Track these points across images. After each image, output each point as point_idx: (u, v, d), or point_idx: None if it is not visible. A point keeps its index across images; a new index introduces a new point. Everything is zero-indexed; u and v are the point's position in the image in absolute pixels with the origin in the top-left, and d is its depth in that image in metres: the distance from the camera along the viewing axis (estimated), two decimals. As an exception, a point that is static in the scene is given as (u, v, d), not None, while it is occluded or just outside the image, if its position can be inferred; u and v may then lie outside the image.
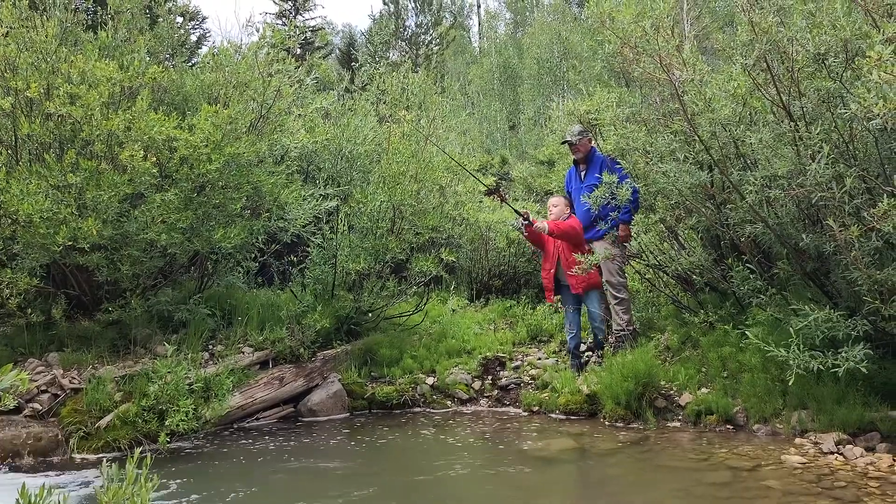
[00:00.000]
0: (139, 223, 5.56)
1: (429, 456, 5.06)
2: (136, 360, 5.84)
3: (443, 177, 7.76)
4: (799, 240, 4.63)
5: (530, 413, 6.26)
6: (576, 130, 6.79)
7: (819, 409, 4.81)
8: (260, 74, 6.73)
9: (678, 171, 5.31)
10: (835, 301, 4.77)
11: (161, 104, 6.60)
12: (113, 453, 5.08)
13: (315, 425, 6.10)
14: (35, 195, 5.03)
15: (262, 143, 6.42)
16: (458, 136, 14.76)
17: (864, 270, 4.02)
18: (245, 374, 6.12)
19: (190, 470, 4.70)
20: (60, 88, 5.31)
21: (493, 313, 8.95)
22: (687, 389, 5.70)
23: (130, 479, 2.16)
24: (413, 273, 7.55)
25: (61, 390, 5.44)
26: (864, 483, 3.86)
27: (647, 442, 5.07)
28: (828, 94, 4.37)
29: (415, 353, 7.13)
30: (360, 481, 4.42)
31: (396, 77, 9.15)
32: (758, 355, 5.23)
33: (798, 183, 4.36)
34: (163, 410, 5.33)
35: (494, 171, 17.59)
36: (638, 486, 4.24)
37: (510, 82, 28.83)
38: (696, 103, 5.23)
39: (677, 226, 6.48)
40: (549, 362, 6.97)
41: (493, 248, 10.29)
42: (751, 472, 4.16)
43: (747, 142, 4.98)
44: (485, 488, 4.20)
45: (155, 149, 5.57)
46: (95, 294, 6.23)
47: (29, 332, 6.01)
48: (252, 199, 6.60)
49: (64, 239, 5.07)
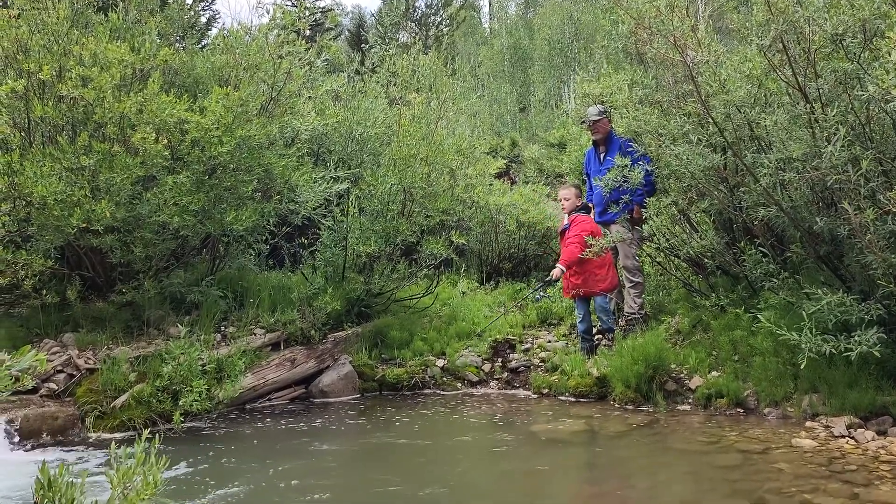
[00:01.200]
0: (151, 205, 5.59)
1: (439, 437, 5.10)
2: (150, 342, 5.89)
3: (453, 159, 7.73)
4: (813, 223, 4.60)
5: (540, 395, 6.28)
6: (595, 111, 6.76)
7: (830, 393, 4.80)
8: (270, 56, 6.71)
9: (691, 154, 5.27)
10: (848, 285, 4.74)
11: (172, 86, 6.60)
12: (128, 432, 5.15)
13: (326, 406, 6.15)
14: (49, 177, 5.06)
15: (272, 125, 6.41)
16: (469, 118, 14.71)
17: (879, 254, 3.99)
18: (257, 356, 6.17)
19: (203, 449, 4.75)
20: (72, 71, 5.32)
21: (503, 296, 8.96)
22: (697, 373, 5.70)
23: (140, 460, 2.18)
24: (423, 256, 7.56)
25: (77, 370, 5.50)
26: (875, 466, 3.86)
27: (656, 425, 5.08)
28: (845, 76, 4.31)
29: (425, 335, 7.16)
30: (372, 462, 4.46)
31: (406, 59, 9.10)
32: (769, 339, 5.22)
33: (813, 166, 4.32)
34: (176, 391, 5.38)
35: (505, 154, 17.52)
36: (647, 468, 4.26)
37: (521, 64, 28.63)
38: (710, 84, 5.17)
39: (689, 209, 6.44)
40: (558, 345, 6.98)
41: (502, 231, 10.28)
42: (761, 455, 4.16)
43: (762, 124, 4.93)
44: (495, 469, 4.23)
45: (166, 131, 5.58)
46: (109, 275, 6.28)
47: (44, 313, 6.08)
48: (263, 181, 6.61)
49: (78, 221, 5.10)
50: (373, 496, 3.81)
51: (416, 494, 3.90)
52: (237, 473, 4.21)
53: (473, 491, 3.96)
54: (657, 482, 3.97)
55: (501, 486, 3.99)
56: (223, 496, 3.78)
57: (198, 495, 3.79)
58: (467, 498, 3.85)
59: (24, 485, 3.76)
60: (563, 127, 17.04)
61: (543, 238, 10.25)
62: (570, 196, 6.65)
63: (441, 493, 3.93)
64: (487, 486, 3.99)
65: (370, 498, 3.78)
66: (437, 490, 3.98)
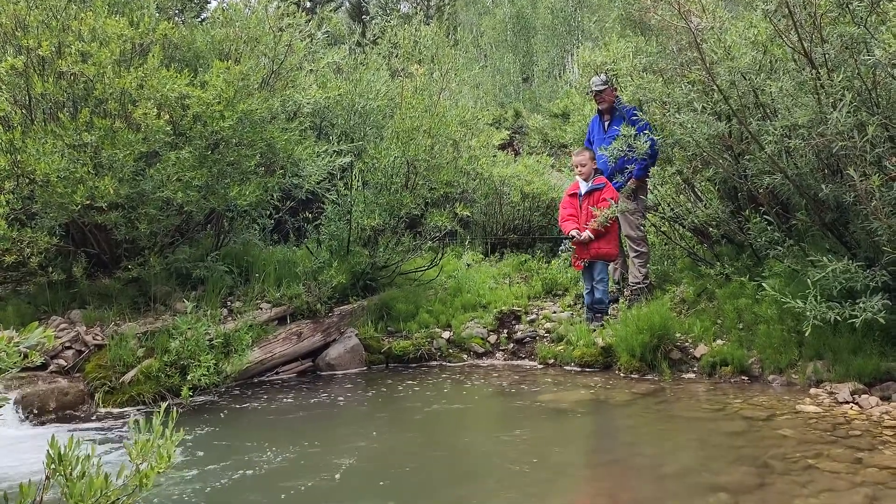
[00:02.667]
0: (155, 181, 5.58)
1: (446, 408, 5.15)
2: (157, 317, 5.93)
3: (456, 131, 7.68)
4: (818, 190, 4.57)
5: (545, 366, 6.32)
6: (600, 81, 6.69)
7: (835, 360, 4.82)
8: (270, 29, 6.65)
9: (695, 122, 5.23)
10: (853, 252, 4.73)
11: (172, 61, 6.55)
12: (137, 407, 5.21)
13: (333, 379, 6.20)
14: (51, 154, 5.05)
15: (274, 99, 6.37)
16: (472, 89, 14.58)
17: (885, 220, 3.97)
18: (263, 330, 6.21)
19: (212, 422, 4.81)
20: (72, 46, 5.28)
21: (507, 267, 8.96)
22: (702, 341, 5.72)
23: (158, 433, 2.21)
24: (428, 228, 7.56)
25: (85, 347, 5.55)
26: (878, 431, 3.89)
27: (662, 393, 5.11)
28: (851, 41, 4.25)
29: (430, 307, 7.18)
30: (380, 434, 4.51)
31: (408, 30, 9.00)
32: (774, 307, 5.23)
33: (819, 132, 4.28)
34: (184, 366, 5.43)
35: (508, 125, 17.41)
36: (653, 436, 4.30)
37: (523, 33, 28.27)
38: (714, 51, 5.11)
39: (694, 178, 6.41)
40: (563, 316, 7.00)
41: (507, 203, 10.25)
42: (766, 422, 4.19)
43: (767, 91, 4.88)
44: (502, 438, 4.27)
45: (168, 106, 5.55)
46: (114, 252, 6.30)
47: (51, 291, 6.11)
48: (266, 156, 6.59)
49: (81, 198, 5.11)
50: (382, 464, 3.86)
51: (424, 462, 3.95)
52: (245, 447, 4.26)
53: (480, 458, 4.01)
54: (663, 450, 4.00)
55: (508, 453, 4.03)
56: (233, 467, 3.83)
57: (208, 466, 3.84)
58: (474, 465, 3.90)
59: (34, 460, 3.81)
60: (567, 97, 16.90)
61: (548, 209, 10.21)
62: (585, 161, 6.56)
63: (447, 459, 3.98)
64: (494, 454, 4.04)
65: (379, 466, 3.82)
66: (443, 456, 4.03)
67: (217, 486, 3.55)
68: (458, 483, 3.65)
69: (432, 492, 3.52)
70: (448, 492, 3.52)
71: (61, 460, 2.00)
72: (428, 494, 3.48)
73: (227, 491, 3.50)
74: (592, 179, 6.52)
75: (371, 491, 3.52)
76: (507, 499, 3.34)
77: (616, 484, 3.61)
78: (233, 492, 3.50)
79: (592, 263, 6.47)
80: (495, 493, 3.44)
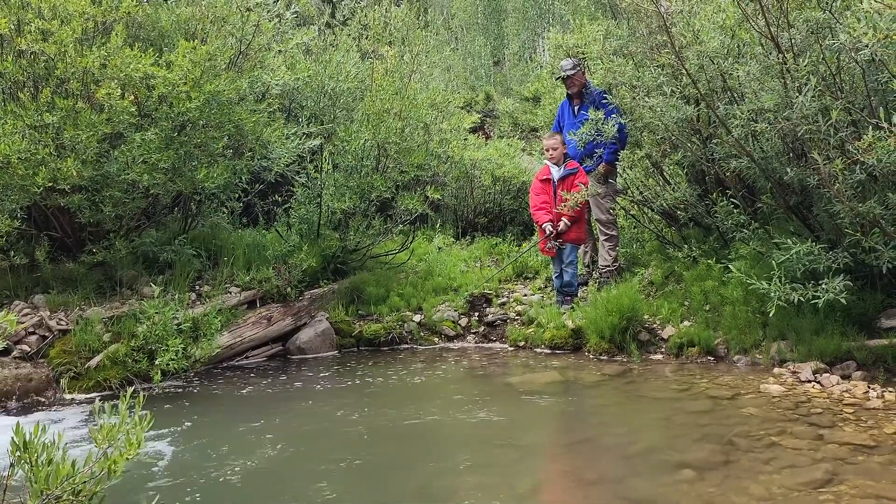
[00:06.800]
0: (119, 164, 5.47)
1: (417, 391, 5.16)
2: (123, 302, 5.84)
3: (427, 114, 7.64)
4: (783, 174, 4.65)
5: (516, 348, 6.37)
6: (569, 64, 6.67)
7: (798, 340, 4.93)
8: (238, 9, 6.53)
9: (665, 106, 5.27)
10: (816, 234, 4.83)
11: (136, 40, 6.39)
12: (104, 392, 5.13)
13: (304, 363, 6.18)
14: (11, 135, 4.92)
15: (242, 80, 6.27)
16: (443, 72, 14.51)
17: (847, 203, 4.05)
18: (233, 314, 6.14)
19: (181, 407, 4.77)
20: (31, 24, 5.14)
21: (479, 251, 8.99)
22: (670, 323, 5.81)
23: (124, 418, 2.18)
24: (399, 211, 7.53)
25: (49, 332, 5.45)
26: (839, 409, 4.00)
27: (630, 374, 5.19)
28: (817, 25, 4.32)
29: (401, 291, 7.17)
30: (351, 418, 4.51)
31: (378, 11, 8.92)
32: (740, 289, 5.33)
33: (784, 116, 4.35)
34: (152, 350, 5.36)
35: (479, 108, 17.36)
36: (621, 416, 4.37)
37: (495, 16, 28.15)
38: (684, 35, 5.15)
39: (663, 161, 6.47)
40: (534, 298, 7.05)
41: (478, 186, 10.26)
42: (731, 401, 4.29)
43: (735, 75, 4.94)
44: (472, 420, 4.30)
45: (132, 87, 5.44)
46: (79, 236, 6.18)
47: (13, 275, 5.98)
48: (234, 138, 6.49)
49: (43, 180, 4.99)
50: (352, 445, 3.86)
51: (393, 443, 3.96)
52: (215, 430, 4.24)
53: (450, 440, 4.03)
54: (631, 428, 4.07)
55: (478, 434, 4.06)
56: (201, 451, 3.80)
57: (178, 453, 3.81)
58: (444, 446, 3.92)
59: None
60: (538, 80, 16.89)
61: (519, 192, 10.24)
62: (556, 145, 6.57)
63: (417, 440, 4.00)
64: (464, 435, 4.07)
65: (349, 446, 3.83)
66: (413, 437, 4.04)
67: (184, 470, 3.52)
68: (427, 463, 3.67)
69: (401, 472, 3.54)
70: (417, 472, 3.54)
71: (27, 447, 1.97)
72: (397, 475, 3.50)
73: (193, 473, 3.48)
74: (564, 164, 6.54)
75: (340, 470, 3.53)
76: (475, 479, 3.37)
77: (584, 463, 3.66)
78: (198, 474, 3.47)
79: (561, 247, 6.51)
80: (464, 472, 3.47)
